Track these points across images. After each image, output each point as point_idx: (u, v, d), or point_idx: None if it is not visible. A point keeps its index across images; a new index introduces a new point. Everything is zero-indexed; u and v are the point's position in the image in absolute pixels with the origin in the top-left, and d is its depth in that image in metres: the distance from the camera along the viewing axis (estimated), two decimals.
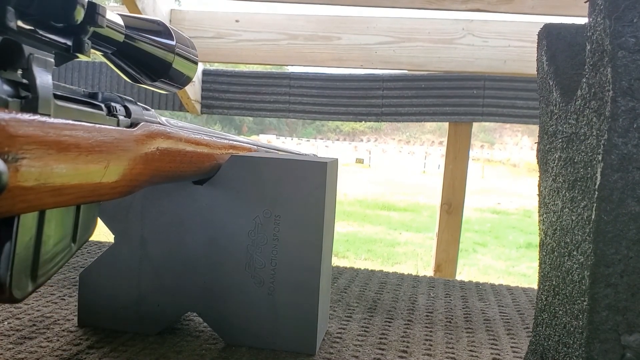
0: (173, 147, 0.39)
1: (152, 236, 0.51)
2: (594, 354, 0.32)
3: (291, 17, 1.40)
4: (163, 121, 0.40)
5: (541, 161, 0.44)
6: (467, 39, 1.35)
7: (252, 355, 0.48)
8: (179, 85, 0.39)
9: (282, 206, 0.49)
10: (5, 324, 0.52)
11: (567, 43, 0.42)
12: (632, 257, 0.31)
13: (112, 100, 0.33)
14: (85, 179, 0.28)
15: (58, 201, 0.26)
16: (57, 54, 0.28)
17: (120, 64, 0.35)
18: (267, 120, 15.89)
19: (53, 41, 0.27)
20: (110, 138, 0.30)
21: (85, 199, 0.29)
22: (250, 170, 0.49)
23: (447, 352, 0.53)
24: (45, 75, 0.26)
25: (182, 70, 0.38)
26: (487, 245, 5.05)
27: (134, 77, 0.36)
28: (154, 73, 0.36)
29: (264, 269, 0.49)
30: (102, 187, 0.30)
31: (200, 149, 0.44)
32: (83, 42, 0.29)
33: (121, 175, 0.32)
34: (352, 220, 5.99)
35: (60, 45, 0.28)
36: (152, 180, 0.37)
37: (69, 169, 0.26)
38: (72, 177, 0.26)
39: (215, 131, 0.51)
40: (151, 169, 0.36)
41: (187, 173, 0.44)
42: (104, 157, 0.29)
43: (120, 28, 0.32)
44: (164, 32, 0.36)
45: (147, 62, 0.36)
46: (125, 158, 0.32)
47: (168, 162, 0.39)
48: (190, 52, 0.39)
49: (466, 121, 1.46)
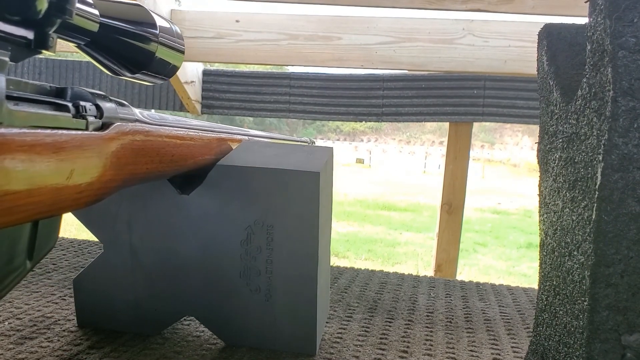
0: (151, 147, 0.36)
1: (142, 244, 0.50)
2: (595, 354, 0.32)
3: (292, 17, 1.40)
4: (141, 116, 0.36)
5: (542, 161, 0.44)
6: (468, 39, 1.35)
7: (252, 356, 0.48)
8: (165, 76, 0.36)
9: (275, 216, 0.47)
10: (6, 324, 0.52)
11: (568, 43, 0.42)
12: (633, 257, 0.31)
13: (82, 98, 0.29)
14: (43, 195, 0.24)
15: (9, 221, 0.23)
16: (15, 49, 0.24)
17: (97, 55, 0.31)
18: (267, 120, 15.87)
19: (8, 36, 0.23)
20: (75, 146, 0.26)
21: (43, 214, 0.25)
22: (238, 180, 0.47)
23: (448, 352, 0.53)
24: None
25: (167, 59, 0.34)
26: (487, 245, 5.04)
27: (113, 69, 0.33)
28: (135, 64, 0.32)
29: (260, 276, 0.49)
30: (64, 200, 0.26)
31: (184, 145, 0.41)
32: (47, 36, 0.24)
33: (87, 185, 0.28)
34: (352, 220, 5.99)
35: (18, 40, 0.24)
36: (125, 185, 0.34)
37: (24, 185, 0.23)
38: (26, 194, 0.23)
39: (203, 122, 0.48)
40: (124, 174, 0.33)
41: (168, 172, 0.40)
42: (67, 168, 0.26)
43: (93, 17, 0.28)
44: (145, 19, 0.32)
45: (127, 53, 0.32)
46: (92, 166, 0.28)
47: (144, 163, 0.35)
48: (175, 40, 0.35)
49: (466, 121, 1.46)
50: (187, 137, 0.42)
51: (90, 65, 1.54)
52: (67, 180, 0.26)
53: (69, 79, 1.54)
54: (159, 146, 0.37)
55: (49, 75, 1.55)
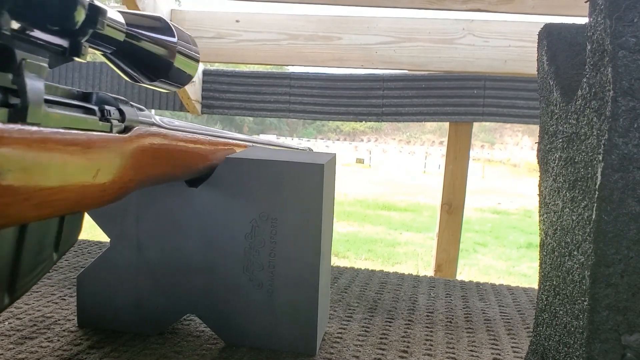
0: (167, 151, 0.38)
1: (148, 239, 0.50)
2: (595, 354, 0.32)
3: (292, 17, 1.40)
4: (158, 121, 0.38)
5: (542, 161, 0.44)
6: (468, 39, 1.35)
7: (252, 356, 0.48)
8: (180, 84, 0.38)
9: (279, 209, 0.48)
10: (6, 324, 0.52)
11: (568, 43, 0.42)
12: (633, 257, 0.31)
13: (106, 103, 0.32)
14: (72, 191, 0.26)
15: (41, 214, 0.24)
16: (52, 56, 0.26)
17: (120, 63, 0.34)
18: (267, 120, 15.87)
19: (48, 44, 0.25)
20: (102, 147, 0.28)
21: (71, 209, 0.27)
22: (245, 173, 0.48)
23: (448, 352, 0.53)
24: (37, 81, 0.24)
25: (184, 68, 0.37)
26: (487, 245, 5.04)
27: (134, 77, 0.35)
28: (154, 72, 0.35)
29: (262, 271, 0.49)
30: (89, 197, 0.28)
31: (195, 150, 0.43)
32: (80, 45, 0.27)
33: (110, 183, 0.30)
34: (352, 220, 5.99)
35: (56, 48, 0.26)
36: (141, 186, 0.35)
37: (56, 181, 0.24)
38: (58, 190, 0.25)
39: (210, 128, 0.50)
40: (142, 175, 0.34)
41: (180, 175, 0.42)
42: (94, 167, 0.28)
43: (121, 27, 0.31)
44: (166, 30, 0.35)
45: (148, 61, 0.34)
46: (115, 167, 0.30)
47: (160, 165, 0.37)
48: (191, 49, 0.37)
49: (467, 121, 1.46)
50: (198, 141, 0.44)
51: (90, 65, 1.54)
52: (93, 179, 0.28)
53: (69, 78, 1.54)
54: (174, 149, 0.39)
55: (48, 75, 1.55)
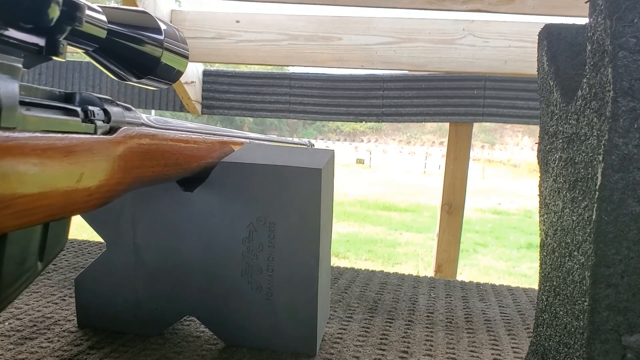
0: (157, 151, 0.36)
1: (145, 243, 0.50)
2: (595, 355, 0.32)
3: (292, 18, 1.41)
4: (147, 121, 0.37)
5: (542, 161, 0.44)
6: (468, 39, 1.35)
7: (252, 356, 0.48)
8: (169, 81, 0.36)
9: (277, 213, 0.48)
10: (6, 324, 0.52)
11: (568, 43, 0.42)
12: (633, 257, 0.31)
13: (90, 103, 0.30)
14: (54, 197, 0.25)
15: (22, 223, 0.23)
16: (27, 56, 0.24)
17: (104, 62, 0.32)
18: (267, 121, 15.87)
19: (22, 43, 0.24)
20: (85, 150, 0.27)
21: (54, 216, 0.26)
22: (240, 177, 0.48)
23: (448, 353, 0.53)
24: (10, 83, 0.22)
25: (172, 65, 0.35)
26: (487, 245, 5.04)
27: (120, 75, 0.33)
28: (141, 70, 0.33)
29: (261, 274, 0.49)
30: (74, 203, 0.27)
31: (188, 149, 0.42)
32: (58, 43, 0.25)
33: (96, 187, 0.29)
34: (352, 220, 5.99)
35: (30, 47, 0.24)
36: (131, 188, 0.34)
37: (36, 188, 0.23)
38: (38, 196, 0.23)
39: (206, 126, 0.49)
40: (131, 177, 0.33)
41: (172, 175, 0.41)
42: (77, 171, 0.26)
43: (102, 23, 0.29)
44: (151, 25, 0.33)
45: (134, 59, 0.32)
46: (101, 170, 0.29)
47: (151, 166, 0.36)
48: (179, 45, 0.36)
49: (467, 121, 1.46)
50: (190, 140, 0.42)
51: (90, 65, 1.54)
52: (77, 184, 0.27)
53: (69, 79, 1.54)
54: (165, 149, 0.37)
55: (48, 75, 1.55)
